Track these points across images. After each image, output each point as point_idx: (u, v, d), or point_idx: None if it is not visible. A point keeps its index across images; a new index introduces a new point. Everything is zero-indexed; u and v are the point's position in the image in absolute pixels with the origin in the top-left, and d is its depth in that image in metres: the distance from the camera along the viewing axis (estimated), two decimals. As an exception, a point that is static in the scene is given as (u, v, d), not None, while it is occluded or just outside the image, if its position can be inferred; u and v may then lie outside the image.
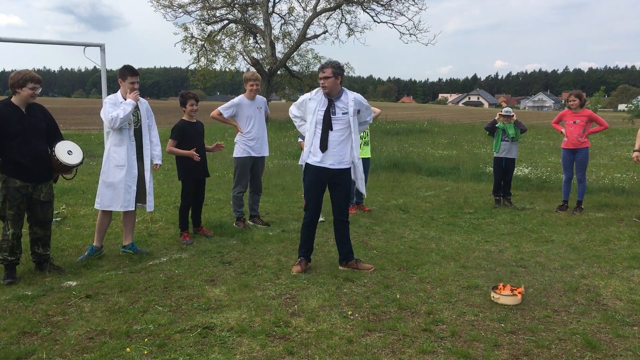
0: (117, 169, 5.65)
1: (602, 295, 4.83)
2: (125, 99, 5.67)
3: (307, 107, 5.37)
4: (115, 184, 5.66)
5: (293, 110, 5.59)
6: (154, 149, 5.98)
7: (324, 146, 5.24)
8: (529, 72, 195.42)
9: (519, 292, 4.63)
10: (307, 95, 5.45)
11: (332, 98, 5.25)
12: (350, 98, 5.29)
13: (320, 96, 5.31)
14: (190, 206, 6.63)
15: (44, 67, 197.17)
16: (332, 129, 5.24)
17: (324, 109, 5.25)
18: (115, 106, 5.59)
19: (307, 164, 5.37)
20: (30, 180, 5.00)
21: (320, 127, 5.25)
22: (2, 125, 4.82)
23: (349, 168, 5.38)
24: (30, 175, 4.99)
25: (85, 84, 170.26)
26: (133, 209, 5.81)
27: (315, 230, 5.54)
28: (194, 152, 6.43)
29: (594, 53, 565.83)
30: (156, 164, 6.00)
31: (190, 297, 4.66)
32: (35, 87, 4.96)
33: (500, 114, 8.89)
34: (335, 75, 5.18)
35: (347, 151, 5.33)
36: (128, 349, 3.67)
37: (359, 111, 5.39)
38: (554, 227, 7.49)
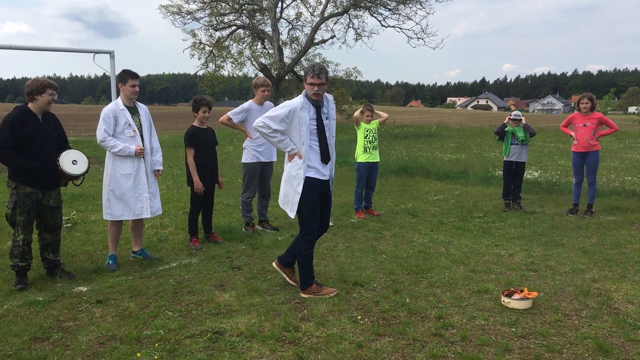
0: (124, 177, 5.60)
1: (614, 299, 4.79)
2: (126, 105, 5.62)
3: (299, 118, 4.75)
4: (125, 194, 5.62)
5: (271, 123, 4.75)
6: (155, 155, 5.88)
7: (326, 157, 4.89)
8: (537, 75, 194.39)
9: (531, 296, 4.61)
10: (292, 105, 4.78)
11: (319, 104, 4.85)
12: (331, 100, 4.98)
13: (309, 104, 4.82)
14: (200, 211, 6.64)
15: (54, 74, 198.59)
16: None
17: (315, 117, 4.81)
18: (108, 122, 5.49)
19: (308, 178, 4.83)
20: (41, 187, 5.04)
21: (317, 137, 4.83)
22: (20, 130, 4.87)
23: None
24: (41, 183, 5.03)
25: (94, 91, 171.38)
26: (149, 215, 5.76)
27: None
28: (201, 188, 6.39)
29: (603, 55, 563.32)
30: (158, 170, 5.90)
31: (200, 302, 4.68)
32: (53, 94, 5.03)
33: (509, 118, 8.88)
34: (326, 81, 4.83)
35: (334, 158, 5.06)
36: (139, 354, 3.68)
37: None
38: (565, 230, 7.45)
